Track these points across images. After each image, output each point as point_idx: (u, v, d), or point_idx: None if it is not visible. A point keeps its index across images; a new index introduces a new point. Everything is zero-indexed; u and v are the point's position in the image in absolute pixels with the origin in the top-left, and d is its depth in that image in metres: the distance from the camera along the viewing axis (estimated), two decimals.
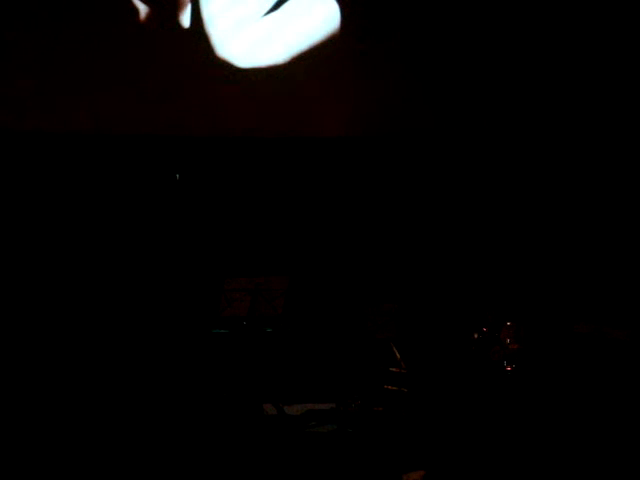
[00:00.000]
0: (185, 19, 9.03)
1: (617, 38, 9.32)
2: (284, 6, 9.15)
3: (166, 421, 7.61)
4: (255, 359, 8.33)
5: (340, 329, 8.78)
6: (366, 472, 6.90)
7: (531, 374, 8.13)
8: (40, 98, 8.88)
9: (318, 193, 9.36)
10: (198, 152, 9.22)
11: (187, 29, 9.03)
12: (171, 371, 8.39)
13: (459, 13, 9.34)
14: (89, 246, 9.02)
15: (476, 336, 8.28)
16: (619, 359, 7.99)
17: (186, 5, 9.01)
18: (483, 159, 9.45)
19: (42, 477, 6.85)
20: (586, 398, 7.69)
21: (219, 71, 9.10)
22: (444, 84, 9.40)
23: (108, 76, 8.92)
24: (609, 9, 9.29)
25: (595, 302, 8.87)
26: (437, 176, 9.45)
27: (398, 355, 8.20)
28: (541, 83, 9.43)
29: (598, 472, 6.83)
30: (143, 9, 8.98)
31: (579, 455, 6.98)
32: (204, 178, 9.23)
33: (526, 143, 9.46)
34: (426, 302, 9.12)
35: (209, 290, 8.42)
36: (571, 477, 6.82)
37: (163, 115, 9.06)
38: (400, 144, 9.44)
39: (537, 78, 9.43)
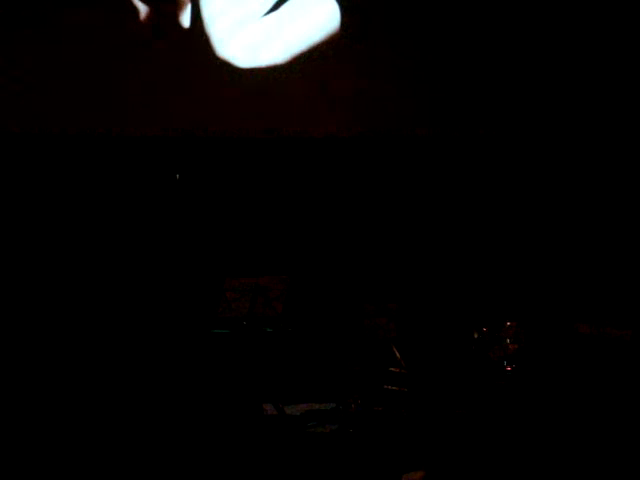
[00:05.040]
0: (185, 19, 9.03)
1: (617, 38, 9.32)
2: (284, 6, 9.15)
3: (166, 421, 7.60)
4: (255, 359, 8.32)
5: (340, 329, 8.77)
6: (366, 472, 6.90)
7: (531, 374, 8.12)
8: (39, 99, 8.88)
9: (318, 193, 9.36)
10: (198, 152, 9.22)
11: (187, 29, 9.03)
12: (171, 371, 8.38)
13: (459, 14, 9.34)
14: (89, 246, 9.02)
15: (476, 336, 8.27)
16: (620, 359, 7.98)
17: (186, 5, 9.01)
18: (483, 160, 9.45)
19: (42, 477, 6.85)
20: (586, 398, 7.68)
21: (219, 71, 9.10)
22: (444, 85, 9.40)
23: (107, 76, 8.92)
24: (609, 9, 9.29)
25: (596, 302, 8.86)
26: (437, 176, 9.45)
27: (398, 355, 8.20)
28: (542, 86, 9.43)
29: (598, 472, 6.82)
30: (143, 9, 8.98)
31: (579, 455, 6.97)
32: (204, 178, 9.23)
33: (526, 144, 9.46)
34: (426, 302, 9.12)
35: (209, 290, 8.42)
36: (571, 477, 6.82)
37: (163, 115, 9.06)
38: (401, 144, 9.44)
39: (538, 80, 9.42)
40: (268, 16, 9.14)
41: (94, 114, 8.97)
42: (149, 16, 8.99)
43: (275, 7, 9.14)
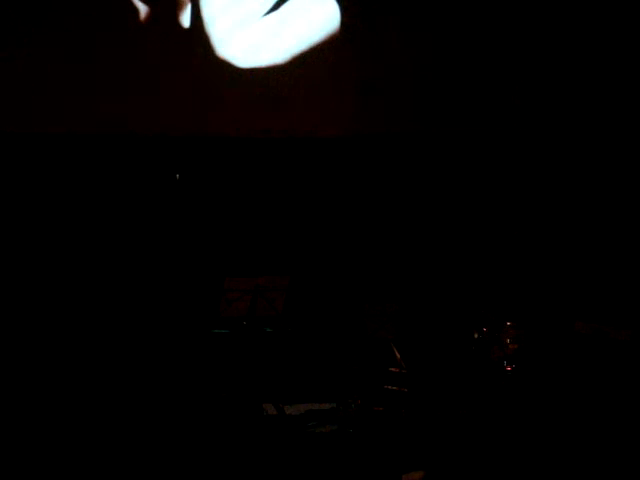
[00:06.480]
0: (185, 19, 9.03)
1: (617, 38, 9.33)
2: (284, 6, 9.16)
3: (166, 421, 7.61)
4: (255, 359, 8.33)
5: (340, 329, 8.78)
6: (366, 472, 6.90)
7: (531, 374, 8.12)
8: (40, 98, 8.89)
9: (318, 193, 9.37)
10: (198, 152, 9.23)
11: (187, 29, 9.04)
12: (171, 371, 8.39)
13: (458, 14, 9.35)
14: (89, 246, 9.02)
15: (476, 336, 8.28)
16: (619, 359, 7.99)
17: (186, 5, 9.02)
18: (483, 159, 9.45)
19: (42, 477, 6.85)
20: (586, 398, 7.68)
21: (219, 71, 9.10)
22: (443, 85, 9.41)
23: (107, 76, 8.93)
24: (608, 9, 9.29)
25: (595, 302, 8.87)
26: (437, 176, 9.46)
27: (398, 355, 8.20)
28: (540, 82, 9.44)
29: (598, 472, 6.83)
30: (143, 9, 8.98)
31: (579, 455, 6.97)
32: (204, 178, 9.23)
33: (526, 142, 9.47)
34: (426, 302, 9.12)
35: (209, 290, 8.42)
36: (571, 477, 6.82)
37: (163, 115, 9.06)
38: (400, 144, 9.45)
39: (536, 77, 9.43)
40: (268, 16, 9.15)
41: (94, 114, 8.97)
42: (149, 16, 8.99)
43: (275, 7, 9.15)
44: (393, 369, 8.17)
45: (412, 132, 9.44)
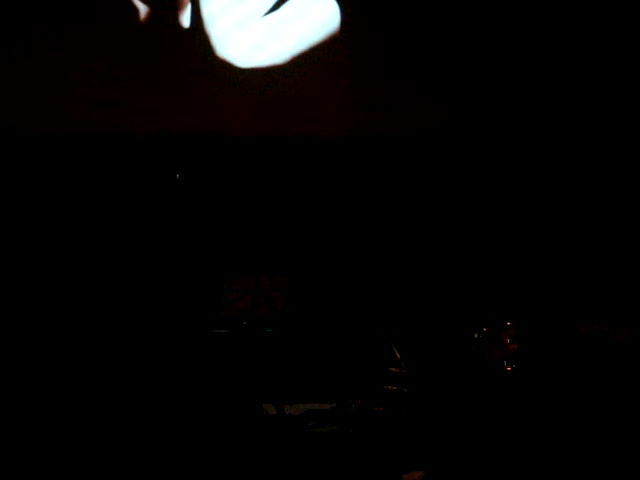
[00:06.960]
0: (185, 19, 9.03)
1: (617, 38, 9.33)
2: (284, 6, 9.16)
3: (166, 421, 7.61)
4: (255, 359, 8.33)
5: (340, 329, 8.78)
6: (366, 472, 6.90)
7: (531, 374, 8.12)
8: (40, 98, 8.89)
9: (318, 193, 9.37)
10: (198, 152, 9.23)
11: (187, 29, 9.04)
12: (171, 371, 8.39)
13: (459, 13, 9.35)
14: (89, 246, 9.02)
15: (476, 336, 8.27)
16: (619, 359, 7.99)
17: (186, 5, 9.02)
18: (483, 158, 9.45)
19: (42, 477, 6.85)
20: (586, 398, 7.68)
21: (219, 71, 9.11)
22: (444, 84, 9.40)
23: (108, 76, 8.93)
24: (609, 9, 9.30)
25: (595, 302, 8.87)
26: (437, 176, 9.46)
27: (398, 355, 8.20)
28: (541, 83, 9.44)
29: (598, 472, 6.83)
30: (143, 9, 8.99)
31: (579, 455, 6.97)
32: (204, 178, 9.23)
33: (526, 142, 9.46)
34: (426, 302, 9.12)
35: (209, 290, 8.42)
36: (571, 477, 6.82)
37: (163, 115, 9.07)
38: (400, 144, 9.44)
39: (537, 77, 9.43)
40: (268, 16, 9.15)
41: (94, 114, 8.98)
42: (149, 16, 8.99)
43: (275, 7, 9.15)
44: (393, 369, 8.17)
45: (411, 132, 9.44)
